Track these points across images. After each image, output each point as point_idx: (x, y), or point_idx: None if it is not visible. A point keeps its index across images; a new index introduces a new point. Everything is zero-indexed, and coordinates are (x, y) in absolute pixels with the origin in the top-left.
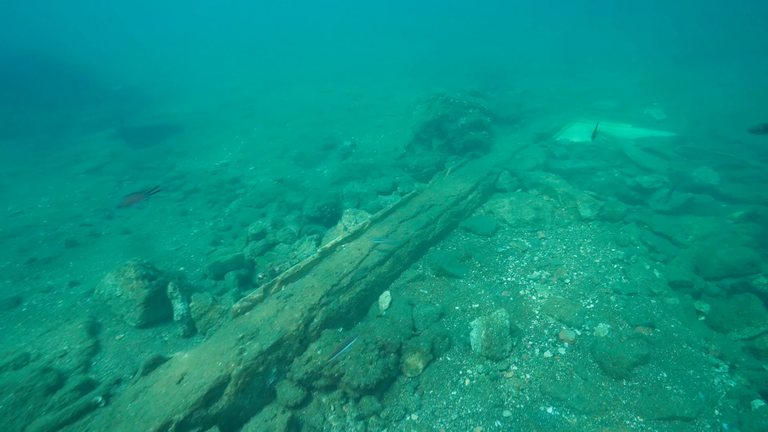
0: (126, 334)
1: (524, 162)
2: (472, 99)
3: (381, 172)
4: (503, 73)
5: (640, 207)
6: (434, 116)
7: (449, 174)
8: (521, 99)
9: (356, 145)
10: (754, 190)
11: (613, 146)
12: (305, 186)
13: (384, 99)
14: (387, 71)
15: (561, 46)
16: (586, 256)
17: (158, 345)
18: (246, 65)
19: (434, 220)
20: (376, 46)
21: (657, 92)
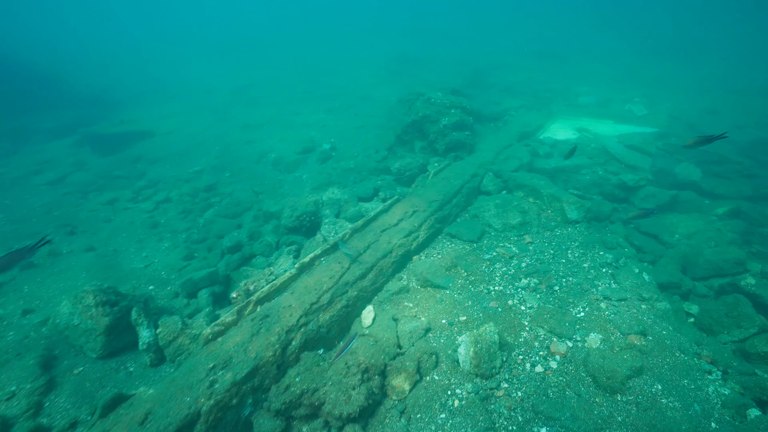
0: (86, 367)
1: (508, 162)
2: (453, 98)
3: (362, 175)
4: (485, 69)
5: (626, 206)
6: (415, 117)
7: (432, 177)
8: (503, 96)
9: (336, 148)
10: (735, 185)
11: (596, 143)
12: (284, 192)
13: (364, 99)
14: (367, 70)
15: (541, 41)
16: (574, 260)
17: (122, 377)
18: (219, 66)
19: (418, 227)
20: (375, 46)
21: (636, 87)
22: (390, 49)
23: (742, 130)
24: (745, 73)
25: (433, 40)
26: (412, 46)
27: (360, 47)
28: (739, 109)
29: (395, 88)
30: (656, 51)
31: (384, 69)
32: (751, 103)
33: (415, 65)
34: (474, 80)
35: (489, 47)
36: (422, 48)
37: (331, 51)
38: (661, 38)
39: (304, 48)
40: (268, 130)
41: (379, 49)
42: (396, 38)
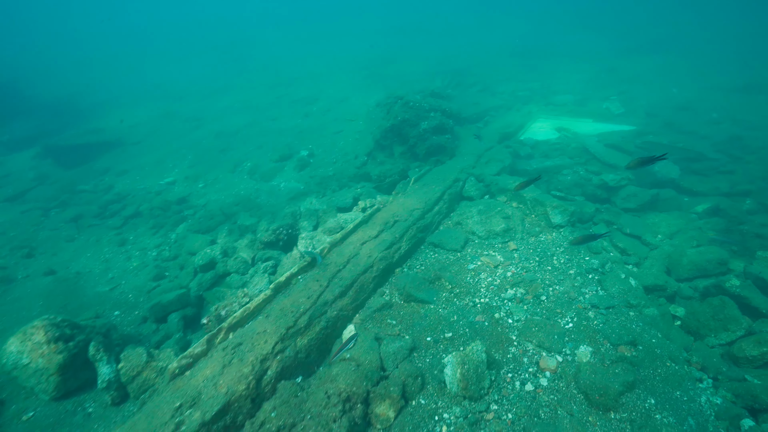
0: (38, 411)
1: (490, 165)
2: (432, 101)
3: (341, 183)
4: (465, 69)
5: (608, 206)
6: (394, 121)
7: (413, 184)
8: (482, 96)
9: (314, 154)
10: (712, 181)
11: (576, 143)
12: (260, 203)
13: (342, 102)
14: (344, 72)
15: (518, 39)
16: (560, 267)
17: (79, 420)
18: (195, 68)
19: (399, 238)
20: (376, 45)
21: (613, 84)
22: (370, 50)
23: (718, 126)
24: (719, 69)
25: (413, 39)
26: (392, 47)
27: (340, 46)
28: (714, 105)
29: (375, 90)
30: (632, 48)
31: (364, 70)
32: (726, 98)
33: (396, 66)
34: (454, 81)
35: (468, 46)
36: (403, 48)
37: (311, 51)
38: (636, 36)
39: (282, 48)
40: (244, 137)
41: (359, 49)
42: (376, 38)
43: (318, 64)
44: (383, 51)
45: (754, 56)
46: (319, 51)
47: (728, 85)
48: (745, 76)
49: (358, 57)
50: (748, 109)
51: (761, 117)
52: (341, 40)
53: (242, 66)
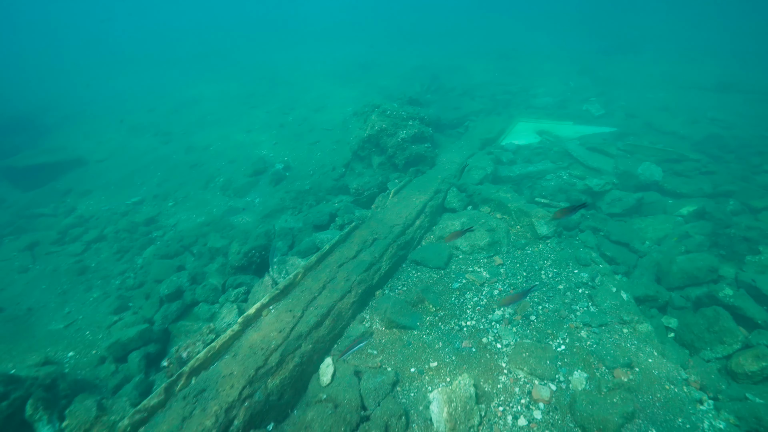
0: None
1: (472, 174)
2: (410, 109)
3: (318, 197)
4: (444, 73)
5: (594, 212)
6: (371, 131)
7: (392, 197)
8: (462, 101)
9: (290, 167)
10: (695, 183)
11: (558, 146)
12: (233, 221)
13: (318, 111)
14: (322, 78)
15: (496, 42)
16: (549, 282)
17: None
18: (165, 79)
19: (379, 258)
20: (376, 47)
21: (592, 86)
22: (348, 55)
23: (696, 126)
24: (693, 69)
25: (392, 43)
26: (370, 52)
27: (318, 52)
28: (691, 104)
29: (353, 96)
30: (607, 49)
31: (342, 76)
32: (702, 97)
33: (375, 71)
34: (433, 85)
35: (447, 49)
36: (382, 52)
37: (288, 58)
38: (611, 36)
39: (258, 56)
40: (217, 150)
41: (338, 54)
42: (354, 43)
43: (295, 71)
44: (362, 56)
45: (727, 56)
46: (296, 58)
47: (703, 84)
48: (718, 75)
49: (336, 63)
50: (723, 108)
51: (736, 115)
52: (319, 47)
53: (216, 75)
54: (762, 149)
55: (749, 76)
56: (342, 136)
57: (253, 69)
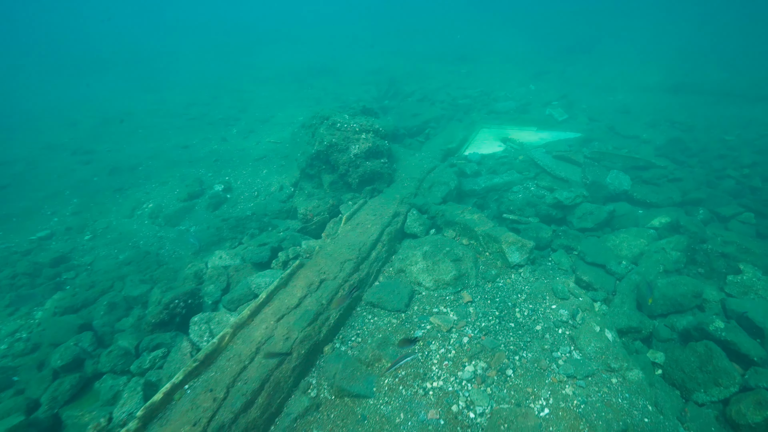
0: None
1: (434, 191)
2: (363, 120)
3: (262, 223)
4: (401, 77)
5: (565, 228)
6: (320, 147)
7: (345, 224)
8: (421, 106)
9: (232, 188)
10: (664, 191)
11: (523, 155)
12: (162, 257)
13: (267, 121)
14: (272, 85)
15: (454, 44)
16: (524, 322)
17: None
18: (92, 87)
19: (327, 304)
20: (332, 50)
21: (551, 88)
22: (302, 59)
23: (657, 129)
24: (648, 69)
25: (348, 47)
26: (325, 55)
27: (268, 57)
28: (649, 107)
29: (306, 104)
30: (564, 50)
31: (295, 82)
32: (659, 99)
33: (329, 76)
34: (391, 90)
35: (403, 52)
36: (337, 57)
37: (236, 63)
38: (566, 38)
39: (203, 60)
40: (147, 170)
41: (291, 58)
42: (309, 47)
43: (243, 77)
44: (317, 60)
45: (677, 55)
46: (247, 63)
47: (659, 85)
48: (673, 76)
49: (289, 67)
50: (681, 110)
51: (694, 117)
52: (271, 51)
53: (153, 84)
54: (722, 152)
55: (702, 76)
56: (291, 151)
57: (197, 75)
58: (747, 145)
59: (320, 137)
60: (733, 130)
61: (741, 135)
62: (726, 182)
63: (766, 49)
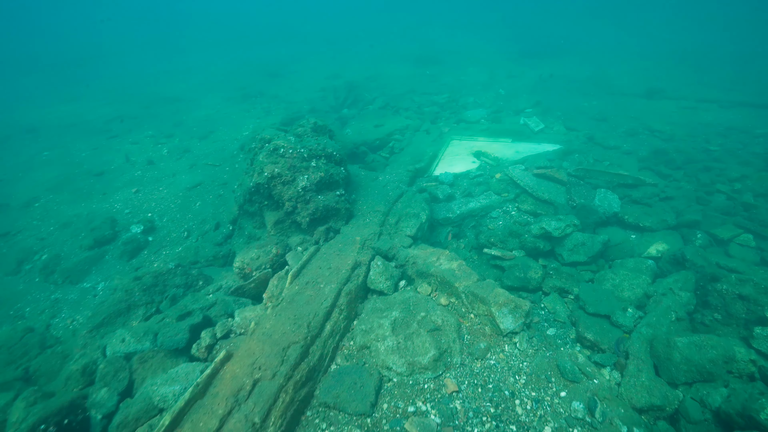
0: None
1: (403, 226)
2: (314, 143)
3: (189, 278)
4: (362, 82)
5: (557, 266)
6: (259, 179)
7: (292, 282)
8: (384, 115)
9: (155, 228)
10: (657, 212)
11: (500, 172)
12: (53, 332)
13: (206, 138)
14: (217, 93)
15: (416, 44)
16: (529, 423)
17: None
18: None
19: (263, 422)
20: (286, 52)
21: (521, 92)
22: (252, 62)
23: (637, 139)
24: (617, 71)
25: (303, 49)
26: (278, 58)
27: (213, 60)
28: (626, 113)
29: (254, 114)
30: (529, 53)
31: (242, 89)
32: (634, 105)
33: (282, 81)
34: (350, 97)
35: (364, 55)
36: (291, 59)
37: (175, 68)
38: (534, 39)
39: (136, 64)
40: (44, 208)
41: (239, 61)
42: (260, 48)
43: (181, 83)
44: (269, 63)
45: (649, 60)
46: (188, 66)
47: (632, 90)
48: (644, 80)
49: (235, 71)
50: (658, 117)
51: (672, 125)
52: (217, 53)
53: (71, 92)
54: (708, 164)
55: (672, 80)
56: (232, 176)
57: (128, 80)
58: (731, 156)
59: (259, 166)
60: (714, 139)
61: (724, 144)
62: (717, 198)
63: (732, 53)
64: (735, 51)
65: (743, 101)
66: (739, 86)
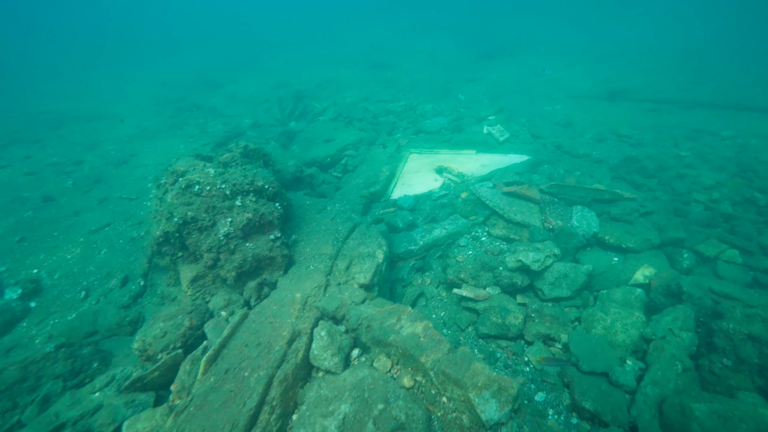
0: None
1: (354, 273)
2: (240, 176)
3: (76, 364)
4: (310, 90)
5: (539, 307)
6: (168, 226)
7: (206, 372)
8: (336, 128)
9: (42, 288)
10: (638, 231)
11: (466, 190)
12: None
13: (123, 163)
14: (143, 108)
15: (366, 48)
16: None
17: None
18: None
19: None
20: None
21: (481, 97)
22: (187, 69)
23: (605, 144)
24: (576, 72)
25: (247, 54)
26: (219, 66)
27: (138, 66)
28: (590, 117)
29: (184, 134)
30: (485, 54)
31: (173, 103)
32: (598, 108)
33: (221, 92)
34: (297, 107)
35: (313, 61)
36: (233, 67)
37: (96, 77)
38: (491, 40)
39: (47, 74)
40: None
41: (170, 69)
42: (197, 54)
43: (102, 98)
44: (207, 71)
45: (605, 60)
46: (110, 78)
47: (593, 92)
48: (607, 82)
49: (167, 81)
50: (623, 121)
51: (639, 129)
52: (148, 60)
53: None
54: (681, 171)
55: (632, 81)
56: (149, 215)
57: (31, 98)
58: (703, 161)
59: (168, 210)
60: (683, 143)
61: (693, 149)
62: (694, 209)
63: (685, 51)
64: (688, 49)
65: (702, 102)
66: (697, 86)
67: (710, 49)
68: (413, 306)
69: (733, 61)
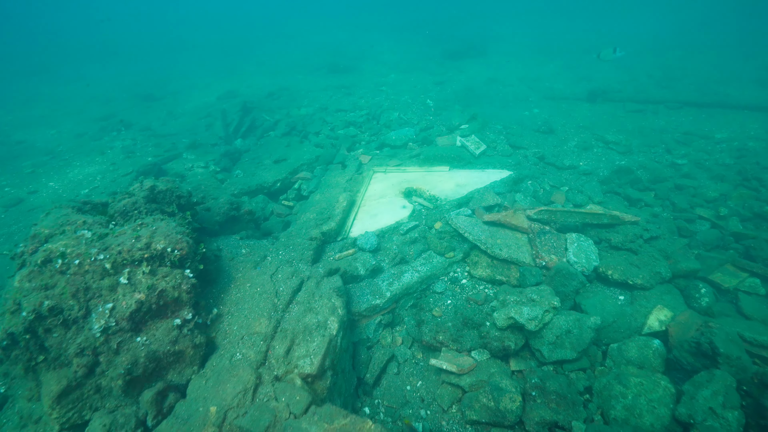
0: None
1: (297, 359)
2: (130, 236)
3: None
4: (260, 102)
5: (539, 381)
6: (15, 325)
7: None
8: (289, 144)
9: None
10: (646, 262)
11: (441, 219)
12: None
13: (17, 203)
14: (58, 125)
15: (324, 51)
16: None
17: None
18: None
19: None
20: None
21: (450, 102)
22: (122, 78)
23: (591, 152)
24: (549, 73)
25: (188, 59)
26: (157, 73)
27: (66, 79)
28: (571, 121)
29: (106, 159)
30: (450, 54)
31: (98, 121)
32: (578, 111)
33: (156, 107)
34: (245, 122)
35: (265, 66)
36: (174, 75)
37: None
38: (456, 40)
39: None
40: None
41: (98, 82)
42: (135, 62)
43: (13, 115)
44: (142, 83)
45: (575, 57)
46: (28, 94)
47: (571, 92)
48: (584, 82)
49: (100, 95)
50: (607, 124)
51: (625, 133)
52: (77, 72)
53: None
54: (678, 182)
55: (606, 78)
56: None
57: None
58: (701, 170)
59: (15, 297)
60: (675, 148)
61: (688, 155)
62: (700, 227)
63: (654, 46)
64: (658, 43)
65: (688, 101)
66: (674, 82)
67: (680, 43)
68: (380, 376)
69: (706, 55)
